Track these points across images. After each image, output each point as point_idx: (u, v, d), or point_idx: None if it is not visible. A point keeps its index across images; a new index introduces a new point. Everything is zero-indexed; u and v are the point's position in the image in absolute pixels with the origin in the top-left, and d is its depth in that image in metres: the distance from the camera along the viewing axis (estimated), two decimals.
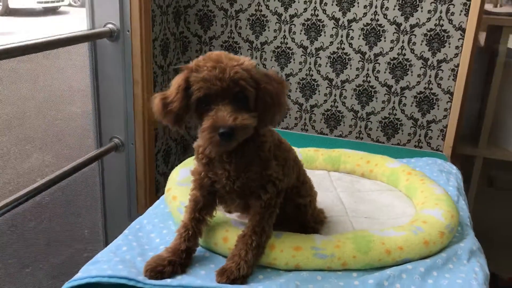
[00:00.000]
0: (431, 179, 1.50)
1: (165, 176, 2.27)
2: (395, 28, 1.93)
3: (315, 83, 2.08)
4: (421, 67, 1.95)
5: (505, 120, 2.11)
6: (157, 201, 1.39)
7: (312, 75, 2.08)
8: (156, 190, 2.24)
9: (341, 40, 1.99)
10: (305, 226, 1.22)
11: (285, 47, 2.07)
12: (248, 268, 1.05)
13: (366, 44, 1.98)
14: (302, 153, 1.67)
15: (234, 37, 2.12)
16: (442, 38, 1.89)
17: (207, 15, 2.13)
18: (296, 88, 2.12)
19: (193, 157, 1.57)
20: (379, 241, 1.12)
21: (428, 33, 1.90)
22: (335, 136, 2.14)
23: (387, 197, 1.47)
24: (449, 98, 1.96)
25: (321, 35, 2.01)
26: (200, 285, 1.01)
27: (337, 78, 2.05)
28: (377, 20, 1.93)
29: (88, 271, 1.04)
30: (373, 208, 1.41)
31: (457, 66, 1.90)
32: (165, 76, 2.12)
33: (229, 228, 1.13)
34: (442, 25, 1.88)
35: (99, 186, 2.02)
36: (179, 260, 1.06)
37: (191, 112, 1.02)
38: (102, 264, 1.06)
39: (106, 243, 1.80)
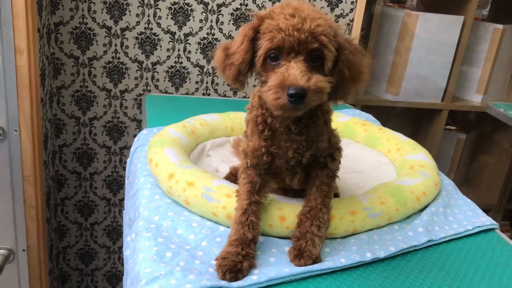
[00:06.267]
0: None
1: (47, 167, 1.87)
2: None
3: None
4: None
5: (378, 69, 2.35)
6: (143, 193, 1.13)
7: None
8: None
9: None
10: None
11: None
12: (321, 244, 0.96)
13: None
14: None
15: (87, 22, 1.81)
16: None
17: None
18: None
19: (170, 132, 1.33)
20: (408, 190, 1.15)
21: None
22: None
23: (354, 149, 1.50)
24: None
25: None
26: (290, 273, 0.88)
27: None
28: None
29: None
30: (350, 162, 1.42)
31: (352, 20, 2.02)
32: (43, 41, 1.69)
33: (282, 206, 1.00)
34: None
35: None
36: (252, 252, 0.90)
37: (256, 68, 0.86)
38: (165, 279, 0.83)
39: None
